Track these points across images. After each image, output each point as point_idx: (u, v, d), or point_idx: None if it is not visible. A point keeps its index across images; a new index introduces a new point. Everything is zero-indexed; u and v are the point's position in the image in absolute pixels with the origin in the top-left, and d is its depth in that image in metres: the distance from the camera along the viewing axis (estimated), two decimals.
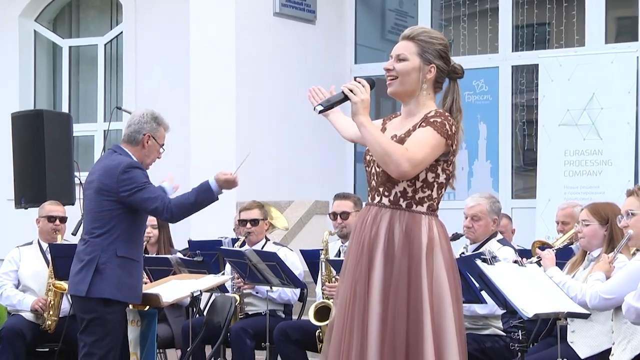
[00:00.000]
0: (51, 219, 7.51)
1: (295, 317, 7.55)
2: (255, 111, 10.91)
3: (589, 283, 5.27)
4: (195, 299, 6.56)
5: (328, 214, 7.66)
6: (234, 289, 7.31)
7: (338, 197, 7.28)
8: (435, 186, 4.16)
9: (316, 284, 7.14)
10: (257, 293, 7.33)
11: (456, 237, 6.50)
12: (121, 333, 5.83)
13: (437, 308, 4.08)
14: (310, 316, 6.76)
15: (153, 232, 7.66)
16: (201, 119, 10.84)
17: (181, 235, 8.57)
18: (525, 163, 11.20)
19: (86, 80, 12.64)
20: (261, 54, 10.97)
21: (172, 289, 6.34)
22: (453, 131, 4.13)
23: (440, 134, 4.09)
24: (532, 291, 5.08)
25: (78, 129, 10.92)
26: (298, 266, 7.27)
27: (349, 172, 11.77)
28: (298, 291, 7.33)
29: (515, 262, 5.54)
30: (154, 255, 7.50)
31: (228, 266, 7.36)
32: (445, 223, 4.24)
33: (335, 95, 4.25)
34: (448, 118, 4.15)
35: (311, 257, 7.20)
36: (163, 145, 5.96)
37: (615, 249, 5.37)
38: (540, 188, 10.31)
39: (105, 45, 12.43)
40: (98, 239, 5.71)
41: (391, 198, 4.16)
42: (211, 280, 6.64)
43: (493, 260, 5.20)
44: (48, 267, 7.32)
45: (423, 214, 4.14)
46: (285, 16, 11.23)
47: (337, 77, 11.07)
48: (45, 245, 7.44)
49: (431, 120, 4.12)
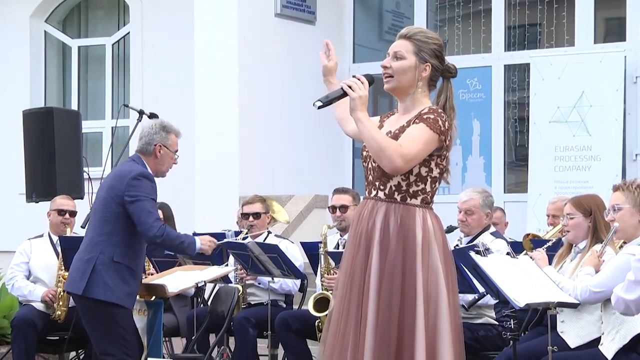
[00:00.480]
0: (61, 213, 7.51)
1: (295, 307, 7.55)
2: (257, 109, 10.89)
3: (579, 277, 5.26)
4: (199, 290, 6.58)
5: (327, 208, 7.65)
6: (237, 280, 7.31)
7: (337, 192, 7.29)
8: (428, 180, 4.16)
9: (316, 275, 7.14)
10: (260, 284, 7.34)
11: (451, 230, 6.50)
12: (126, 327, 5.68)
13: (433, 298, 4.08)
14: (309, 307, 6.76)
15: None
16: (205, 116, 10.83)
17: (186, 227, 8.55)
18: (517, 158, 11.19)
19: (94, 79, 12.64)
20: (263, 53, 10.95)
21: (178, 280, 6.34)
22: (446, 127, 4.13)
23: (433, 130, 4.09)
24: (524, 282, 5.08)
25: (87, 126, 10.89)
26: (299, 258, 7.28)
27: (348, 168, 11.75)
28: (299, 282, 7.33)
29: (507, 254, 5.54)
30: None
31: (231, 258, 7.35)
32: (440, 216, 4.23)
33: (334, 91, 4.25)
34: (441, 114, 4.15)
35: (311, 249, 7.20)
36: (177, 151, 5.92)
37: (603, 243, 5.36)
38: (531, 183, 10.30)
39: (112, 45, 12.43)
40: (100, 240, 5.64)
41: (386, 192, 4.16)
42: (215, 271, 6.65)
43: (486, 252, 5.21)
44: (58, 259, 7.32)
45: (417, 207, 4.14)
46: (286, 17, 11.20)
47: (336, 76, 11.01)
48: (55, 237, 7.43)
49: (424, 117, 4.12)
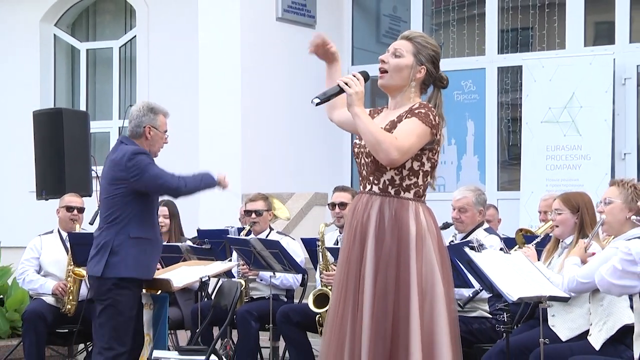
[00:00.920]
0: (70, 209, 7.51)
1: (296, 301, 7.56)
2: (259, 110, 10.89)
3: (566, 267, 5.27)
4: (203, 284, 6.58)
5: (327, 205, 7.66)
6: (240, 275, 7.32)
7: (337, 190, 7.30)
8: (420, 174, 4.17)
9: (316, 271, 7.14)
10: (261, 280, 7.33)
11: (447, 226, 6.50)
12: (133, 315, 5.74)
13: (429, 289, 4.07)
14: (309, 303, 6.76)
15: (164, 222, 7.66)
16: (209, 117, 10.83)
17: (191, 224, 8.57)
18: (510, 157, 11.19)
19: (102, 80, 12.65)
20: (264, 56, 10.95)
21: (182, 275, 6.35)
22: (437, 121, 4.14)
23: (425, 124, 4.10)
24: (516, 276, 5.08)
25: (95, 126, 10.91)
26: (299, 254, 7.28)
27: (346, 166, 11.75)
28: (299, 277, 7.34)
29: (500, 250, 5.55)
30: (166, 243, 7.50)
31: (234, 253, 7.36)
32: (435, 214, 4.24)
33: (331, 88, 4.24)
34: (432, 109, 4.16)
35: (311, 245, 7.19)
36: (166, 131, 5.92)
37: (590, 235, 5.37)
38: (523, 181, 10.30)
39: (120, 48, 12.44)
40: (112, 224, 5.71)
41: (380, 186, 4.17)
42: (218, 266, 6.66)
43: (480, 247, 5.22)
44: (67, 254, 7.33)
45: (410, 200, 4.15)
46: (287, 21, 11.21)
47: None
48: (64, 234, 7.44)
49: (416, 111, 4.14)
